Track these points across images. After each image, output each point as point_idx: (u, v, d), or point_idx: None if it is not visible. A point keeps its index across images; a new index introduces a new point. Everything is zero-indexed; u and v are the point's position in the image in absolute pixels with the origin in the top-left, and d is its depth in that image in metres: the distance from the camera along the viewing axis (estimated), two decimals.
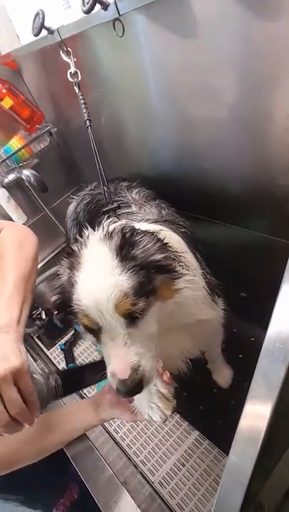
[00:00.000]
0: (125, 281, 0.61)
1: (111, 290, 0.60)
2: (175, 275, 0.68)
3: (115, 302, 0.60)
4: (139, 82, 1.03)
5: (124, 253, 0.64)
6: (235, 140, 0.94)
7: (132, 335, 0.62)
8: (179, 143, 1.12)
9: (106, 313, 0.61)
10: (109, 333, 0.62)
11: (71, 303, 0.65)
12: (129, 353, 0.61)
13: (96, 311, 0.61)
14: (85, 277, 0.64)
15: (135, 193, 1.12)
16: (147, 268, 0.64)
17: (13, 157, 1.50)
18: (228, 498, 0.46)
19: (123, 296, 0.60)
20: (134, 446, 1.16)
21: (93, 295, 0.61)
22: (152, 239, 0.67)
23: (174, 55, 0.90)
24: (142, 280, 0.62)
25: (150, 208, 1.01)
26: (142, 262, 0.64)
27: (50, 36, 0.98)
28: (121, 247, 0.64)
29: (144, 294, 0.62)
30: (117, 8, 0.80)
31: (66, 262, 0.70)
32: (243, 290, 1.38)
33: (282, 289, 0.46)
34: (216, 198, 1.14)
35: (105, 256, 0.64)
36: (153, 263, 0.65)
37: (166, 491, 1.04)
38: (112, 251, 0.64)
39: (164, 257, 0.66)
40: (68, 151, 1.76)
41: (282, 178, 0.91)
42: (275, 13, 0.66)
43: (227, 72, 0.82)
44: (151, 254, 0.65)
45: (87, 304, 0.62)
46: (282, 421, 0.47)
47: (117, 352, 0.62)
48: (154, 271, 0.65)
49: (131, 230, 0.68)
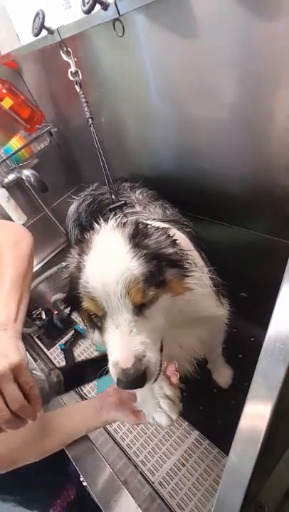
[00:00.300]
0: (136, 266, 0.59)
1: (122, 272, 0.58)
2: (185, 271, 0.67)
3: (125, 285, 0.58)
4: (139, 82, 1.03)
5: (137, 241, 0.63)
6: (236, 140, 0.94)
7: (138, 323, 0.60)
8: (179, 143, 1.12)
9: (114, 296, 0.58)
10: (115, 319, 0.60)
11: (78, 288, 0.63)
12: (134, 341, 0.58)
13: (103, 294, 0.59)
14: (95, 260, 0.63)
15: (138, 193, 1.12)
16: (158, 259, 0.63)
17: (13, 157, 1.50)
18: (228, 498, 0.46)
19: (134, 280, 0.58)
20: (134, 446, 1.16)
21: (102, 277, 0.59)
22: (164, 233, 0.67)
23: (174, 55, 0.90)
24: (152, 269, 0.61)
25: (154, 208, 1.01)
26: (154, 252, 0.63)
27: (50, 36, 0.98)
28: (134, 235, 0.64)
29: (154, 284, 0.61)
30: (117, 8, 0.80)
31: (76, 249, 0.69)
32: (243, 290, 1.38)
33: (282, 289, 0.46)
34: (216, 198, 1.14)
35: (118, 241, 0.63)
36: (164, 255, 0.64)
37: (166, 491, 1.04)
38: (124, 238, 0.63)
39: (175, 252, 0.66)
40: (68, 151, 1.76)
41: (282, 178, 0.91)
42: (275, 13, 0.66)
43: (227, 72, 0.82)
44: (163, 247, 0.65)
45: (95, 286, 0.60)
46: (282, 421, 0.47)
47: (121, 339, 0.58)
48: (165, 263, 0.64)
49: (143, 223, 0.68)
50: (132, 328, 0.59)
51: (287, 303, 0.45)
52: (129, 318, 0.59)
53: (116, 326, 0.60)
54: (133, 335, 0.59)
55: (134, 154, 1.34)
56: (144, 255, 0.61)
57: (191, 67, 0.88)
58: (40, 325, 1.59)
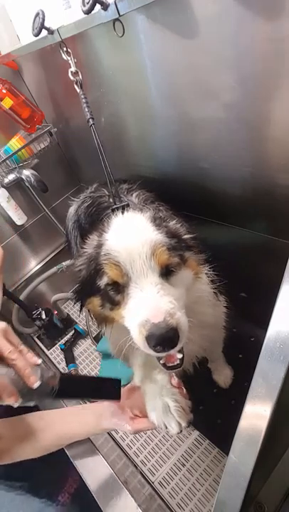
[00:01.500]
0: (162, 237, 0.63)
1: (148, 237, 0.61)
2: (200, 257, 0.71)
3: (151, 247, 0.60)
4: (139, 82, 1.03)
5: (158, 222, 0.67)
6: (236, 140, 0.94)
7: (164, 286, 0.60)
8: (179, 143, 1.12)
9: (139, 259, 0.59)
10: (139, 283, 0.59)
11: (98, 263, 0.64)
12: (163, 299, 0.57)
13: (128, 257, 0.59)
14: (117, 231, 0.65)
15: (135, 196, 1.12)
16: (178, 237, 0.67)
17: (13, 157, 1.50)
18: (228, 498, 0.46)
19: (162, 246, 0.61)
20: (134, 447, 1.16)
21: (127, 241, 0.61)
22: (179, 222, 0.72)
23: (174, 55, 0.90)
24: (174, 244, 0.64)
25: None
26: (174, 232, 0.67)
27: (50, 36, 0.98)
28: (155, 218, 0.68)
29: (177, 255, 0.63)
30: (117, 8, 0.80)
31: (94, 235, 0.72)
32: (243, 290, 1.38)
33: (282, 289, 0.46)
34: (216, 197, 1.14)
35: (140, 219, 0.67)
36: (182, 237, 0.69)
37: (166, 491, 1.04)
38: (146, 217, 0.67)
39: (191, 238, 0.70)
40: (68, 151, 1.76)
41: (282, 178, 0.91)
42: (275, 13, 0.66)
43: (227, 72, 0.82)
44: (182, 232, 0.70)
45: (119, 250, 0.60)
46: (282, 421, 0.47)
47: (149, 298, 0.57)
48: (183, 245, 0.68)
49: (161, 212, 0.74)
50: (158, 290, 0.58)
51: (287, 303, 0.45)
52: (155, 280, 0.59)
53: (141, 289, 0.59)
54: (161, 295, 0.58)
55: (134, 154, 1.35)
56: (165, 232, 0.65)
57: (191, 67, 0.88)
58: (40, 325, 1.59)
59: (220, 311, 0.93)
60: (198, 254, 0.72)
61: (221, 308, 0.94)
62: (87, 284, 0.70)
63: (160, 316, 0.54)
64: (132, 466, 1.07)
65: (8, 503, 1.27)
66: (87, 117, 0.93)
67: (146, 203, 1.08)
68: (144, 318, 0.55)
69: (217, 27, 0.76)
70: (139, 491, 0.98)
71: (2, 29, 1.19)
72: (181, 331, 0.55)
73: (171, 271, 0.62)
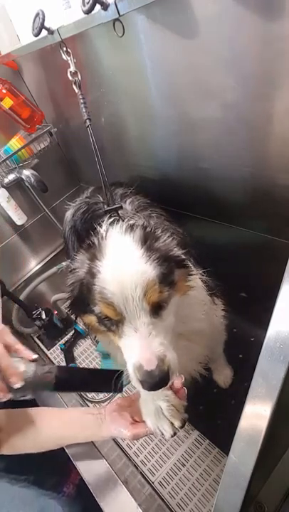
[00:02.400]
0: (152, 269, 0.61)
1: (140, 276, 0.60)
2: (190, 270, 0.70)
3: (144, 289, 0.59)
4: (139, 82, 1.03)
5: (149, 244, 0.65)
6: (236, 140, 0.94)
7: (155, 325, 0.61)
8: (179, 142, 1.12)
9: (132, 300, 0.59)
10: (133, 323, 0.61)
11: (91, 294, 0.64)
12: (154, 343, 0.59)
13: (122, 299, 0.60)
14: (111, 265, 0.63)
15: (129, 202, 1.10)
16: (169, 261, 0.65)
17: (13, 157, 1.50)
18: (228, 498, 0.46)
19: (152, 282, 0.60)
20: (134, 447, 1.16)
21: (120, 282, 0.60)
22: (170, 235, 0.70)
23: (174, 55, 0.90)
24: (165, 271, 0.63)
25: (139, 220, 1.00)
26: (164, 254, 0.65)
27: (50, 36, 0.98)
28: (145, 239, 0.66)
29: (167, 285, 0.63)
30: (117, 8, 0.80)
31: (84, 255, 0.70)
32: (243, 290, 1.38)
33: (282, 289, 0.46)
34: (216, 197, 1.14)
35: (130, 245, 0.65)
36: (173, 257, 0.67)
37: (166, 491, 1.04)
38: (136, 241, 0.65)
39: (181, 253, 0.69)
40: (68, 151, 1.76)
41: (282, 178, 0.91)
42: (275, 13, 0.66)
43: (227, 72, 0.82)
44: (172, 249, 0.68)
45: (113, 291, 0.60)
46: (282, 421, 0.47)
47: (142, 342, 0.59)
48: (173, 264, 0.67)
49: (150, 226, 0.70)
50: (150, 331, 0.60)
51: (287, 303, 0.45)
52: (147, 320, 0.61)
53: (134, 329, 0.61)
54: (152, 337, 0.60)
55: (134, 154, 1.35)
56: (157, 258, 0.63)
57: (191, 67, 0.88)
58: (40, 325, 1.59)
59: (218, 314, 0.92)
60: (188, 268, 0.70)
61: (218, 312, 0.93)
62: (80, 303, 0.70)
63: (153, 363, 0.57)
64: (132, 466, 1.07)
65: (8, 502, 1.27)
66: (84, 118, 0.93)
67: (138, 211, 1.07)
68: (138, 363, 0.58)
69: (217, 27, 0.76)
70: (139, 491, 0.98)
71: (2, 29, 1.19)
72: (172, 370, 0.59)
73: (162, 306, 0.63)
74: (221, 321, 0.94)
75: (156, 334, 0.60)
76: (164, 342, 0.60)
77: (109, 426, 0.79)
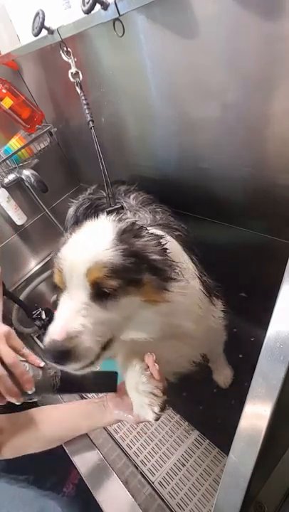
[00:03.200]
0: (110, 254, 0.60)
1: (92, 254, 0.60)
2: (165, 284, 0.66)
3: (89, 266, 0.59)
4: (139, 82, 1.03)
5: (124, 237, 0.64)
6: (235, 140, 0.94)
7: (90, 308, 0.60)
8: (179, 142, 1.12)
9: (77, 273, 0.60)
10: (70, 293, 0.61)
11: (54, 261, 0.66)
12: (75, 319, 0.59)
13: (69, 269, 0.61)
14: (77, 238, 0.66)
15: (132, 198, 1.12)
16: (140, 259, 0.63)
17: (13, 157, 1.50)
18: (228, 498, 0.46)
19: (101, 264, 0.59)
20: (134, 447, 1.16)
21: (73, 253, 0.62)
22: (156, 240, 0.68)
23: (174, 55, 0.90)
24: (128, 265, 0.61)
25: (144, 214, 1.00)
26: (137, 251, 0.64)
27: (50, 36, 0.98)
28: (124, 231, 0.65)
29: (124, 279, 0.61)
30: (117, 8, 0.80)
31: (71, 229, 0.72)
32: (243, 290, 1.38)
33: (282, 289, 0.46)
34: (216, 197, 1.14)
35: (105, 230, 0.65)
36: (147, 259, 0.65)
37: (166, 491, 1.04)
38: (114, 229, 0.65)
39: (160, 261, 0.65)
40: (68, 151, 1.76)
41: (282, 178, 0.91)
42: (275, 13, 0.66)
43: (227, 72, 0.82)
44: (150, 252, 0.65)
45: (65, 258, 0.62)
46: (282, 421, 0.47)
47: (65, 313, 0.60)
48: (145, 266, 0.64)
49: (140, 226, 0.69)
50: (81, 309, 0.60)
51: (287, 303, 0.45)
52: (83, 298, 0.60)
53: (69, 299, 0.61)
54: (78, 315, 0.59)
55: (134, 154, 1.35)
56: (123, 249, 0.62)
57: (191, 67, 0.88)
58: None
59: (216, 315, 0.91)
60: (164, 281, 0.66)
61: (216, 313, 0.92)
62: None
63: (60, 335, 0.57)
64: (132, 466, 1.07)
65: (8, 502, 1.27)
66: (87, 119, 0.93)
67: (143, 205, 1.08)
68: (49, 329, 0.58)
69: (217, 27, 0.76)
70: (139, 491, 0.98)
71: (2, 29, 1.19)
72: (77, 354, 0.58)
73: (108, 294, 0.61)
74: (219, 322, 0.93)
75: (85, 315, 0.59)
76: (88, 326, 0.59)
77: (112, 411, 0.81)
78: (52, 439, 0.87)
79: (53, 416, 0.88)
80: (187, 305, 0.73)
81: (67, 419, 0.89)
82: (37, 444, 0.85)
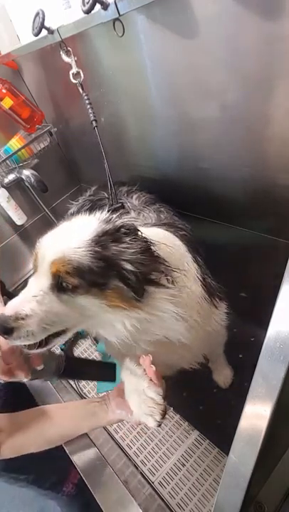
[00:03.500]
0: (79, 253, 0.62)
1: (61, 248, 0.63)
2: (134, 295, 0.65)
3: (54, 258, 0.62)
4: (139, 82, 1.03)
5: (102, 239, 0.64)
6: (235, 140, 0.94)
7: (46, 297, 0.63)
8: (179, 143, 1.12)
9: (45, 262, 0.63)
10: (36, 279, 0.65)
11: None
12: (29, 303, 0.62)
13: (41, 256, 0.65)
14: (59, 228, 0.70)
15: (135, 198, 1.12)
16: (110, 265, 0.63)
17: (13, 157, 1.50)
18: (228, 498, 0.46)
19: (66, 260, 0.62)
20: (134, 447, 1.16)
21: (49, 242, 0.66)
22: (138, 248, 0.65)
23: (174, 55, 0.90)
24: (94, 268, 0.62)
25: (148, 213, 1.00)
26: (109, 257, 0.63)
27: (50, 36, 0.98)
28: (105, 233, 0.65)
29: (87, 280, 0.62)
30: (117, 8, 0.80)
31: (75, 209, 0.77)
32: (243, 290, 1.38)
33: (282, 289, 0.46)
34: (216, 197, 1.14)
35: (86, 228, 0.67)
36: (118, 266, 0.63)
37: (166, 491, 1.04)
38: (95, 230, 0.66)
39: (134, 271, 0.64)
40: (68, 151, 1.76)
41: (282, 178, 0.91)
42: (275, 13, 0.66)
43: (227, 72, 0.82)
44: (124, 260, 0.64)
45: (42, 245, 0.66)
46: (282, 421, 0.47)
47: (24, 293, 0.64)
48: (114, 273, 0.64)
49: (129, 229, 0.67)
50: (38, 294, 0.63)
51: (287, 303, 0.45)
52: (42, 285, 0.64)
53: (33, 282, 0.65)
54: (33, 300, 0.63)
55: (134, 154, 1.35)
56: (95, 252, 0.63)
57: (191, 67, 0.88)
58: None
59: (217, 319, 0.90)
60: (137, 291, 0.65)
61: (219, 317, 0.90)
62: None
63: (7, 311, 0.62)
64: (132, 466, 1.07)
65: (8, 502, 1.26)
66: (91, 119, 0.93)
67: (147, 205, 1.08)
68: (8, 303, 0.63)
69: (217, 27, 0.76)
70: (139, 491, 0.98)
71: (2, 29, 1.19)
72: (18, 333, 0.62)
73: (66, 288, 0.63)
74: (221, 324, 0.92)
75: (39, 302, 0.62)
76: (38, 313, 0.62)
77: (114, 410, 0.81)
78: (52, 438, 0.87)
79: (54, 415, 0.88)
80: (174, 313, 0.71)
81: (68, 418, 0.89)
82: (37, 444, 0.85)
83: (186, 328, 0.76)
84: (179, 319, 0.72)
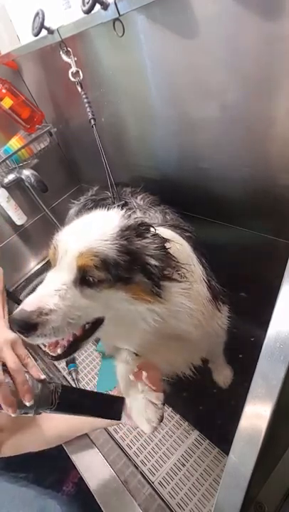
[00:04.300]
0: (106, 247, 0.61)
1: (88, 241, 0.61)
2: (156, 289, 0.66)
3: (82, 250, 0.60)
4: (139, 82, 1.03)
5: (126, 234, 0.64)
6: (235, 140, 0.94)
7: (70, 291, 0.60)
8: (179, 143, 1.12)
9: (68, 255, 0.61)
10: (57, 273, 0.62)
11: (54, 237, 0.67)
12: (52, 298, 0.59)
13: (63, 249, 0.62)
14: (80, 221, 0.67)
15: (140, 198, 1.12)
16: (134, 259, 0.63)
17: (13, 157, 1.50)
18: (228, 498, 0.46)
19: (92, 252, 0.60)
20: (134, 447, 1.16)
21: (72, 235, 0.63)
22: (159, 244, 0.66)
23: (174, 55, 0.90)
24: (120, 262, 0.61)
25: (154, 213, 1.01)
26: (134, 251, 0.63)
27: (50, 36, 0.98)
28: (128, 228, 0.65)
29: (113, 274, 0.61)
30: (117, 8, 0.80)
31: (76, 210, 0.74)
32: (243, 290, 1.38)
33: (282, 289, 0.46)
34: (216, 198, 1.14)
35: (109, 222, 0.65)
36: (142, 260, 0.64)
37: (166, 491, 1.04)
38: (119, 223, 0.65)
39: (157, 266, 0.65)
40: (68, 151, 1.76)
41: (282, 178, 0.91)
42: (275, 13, 0.66)
43: (227, 72, 0.82)
44: (148, 254, 0.65)
45: (63, 239, 0.64)
46: (282, 421, 0.47)
47: (45, 289, 0.60)
48: (139, 267, 0.64)
49: (147, 226, 0.68)
50: (61, 288, 0.60)
51: (287, 303, 0.45)
52: (66, 280, 0.61)
53: (53, 273, 0.62)
54: (56, 293, 0.59)
55: (134, 154, 1.34)
56: (121, 245, 0.62)
57: (190, 67, 0.88)
58: None
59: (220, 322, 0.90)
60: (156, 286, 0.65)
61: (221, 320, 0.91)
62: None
63: (30, 306, 0.57)
64: (132, 466, 1.07)
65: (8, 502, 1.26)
66: (89, 117, 0.93)
67: (152, 205, 1.08)
68: (25, 299, 0.59)
69: (217, 27, 0.76)
70: (139, 491, 0.98)
71: (2, 29, 1.19)
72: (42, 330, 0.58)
73: (91, 282, 0.61)
74: (223, 327, 0.92)
75: (63, 296, 0.59)
76: (61, 307, 0.59)
77: None
78: (53, 438, 0.87)
79: (54, 416, 0.88)
80: (189, 308, 0.72)
81: (68, 419, 0.89)
82: (37, 443, 0.85)
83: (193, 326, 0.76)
84: (191, 314, 0.73)
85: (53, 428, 0.87)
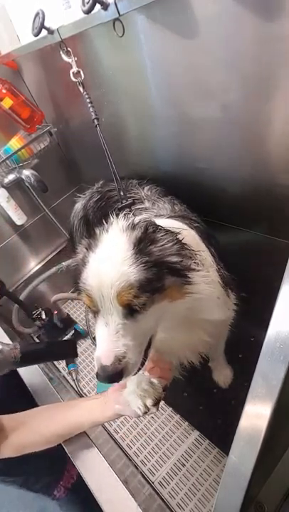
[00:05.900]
0: (134, 273, 0.61)
1: (117, 277, 0.61)
2: (186, 280, 0.68)
3: (118, 290, 0.61)
4: (139, 82, 1.03)
5: (142, 247, 0.64)
6: (236, 140, 0.94)
7: (126, 326, 0.63)
8: (179, 143, 1.12)
9: (106, 298, 0.62)
10: (106, 318, 0.64)
11: (79, 280, 0.68)
12: (118, 342, 0.62)
13: (98, 294, 0.63)
14: (97, 259, 0.66)
15: (147, 189, 1.13)
16: (160, 266, 0.64)
17: (13, 157, 1.50)
18: (228, 498, 0.46)
19: (128, 286, 0.61)
20: (134, 447, 1.16)
21: (99, 278, 0.63)
22: (172, 239, 0.68)
23: (174, 55, 0.90)
24: (151, 277, 0.63)
25: (163, 204, 1.01)
26: (157, 259, 0.64)
27: (50, 36, 0.98)
28: (140, 240, 0.65)
29: (150, 291, 0.63)
30: (117, 8, 0.80)
31: (85, 242, 0.72)
32: (243, 290, 1.38)
33: (282, 289, 0.46)
34: (215, 198, 1.14)
35: (122, 245, 0.65)
36: (167, 263, 0.66)
37: (166, 491, 1.04)
38: (130, 242, 0.65)
39: (180, 261, 0.67)
40: (68, 151, 1.76)
41: (281, 178, 0.91)
42: (275, 13, 0.66)
43: (227, 73, 0.82)
44: (168, 255, 0.66)
45: (92, 285, 0.64)
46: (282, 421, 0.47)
47: (107, 338, 0.63)
48: (166, 271, 0.65)
49: (154, 226, 0.69)
50: (118, 330, 0.63)
51: (287, 303, 0.45)
52: (117, 320, 0.63)
53: (105, 324, 0.64)
54: (118, 336, 0.62)
55: (134, 154, 1.34)
56: (144, 262, 0.63)
57: (190, 67, 0.88)
58: (40, 325, 1.59)
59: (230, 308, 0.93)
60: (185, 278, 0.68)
61: (231, 306, 0.94)
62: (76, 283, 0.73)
63: (109, 360, 0.61)
64: (132, 466, 1.07)
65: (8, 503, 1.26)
66: (92, 117, 0.93)
67: (160, 196, 1.08)
68: (98, 355, 0.62)
69: (217, 27, 0.76)
70: (139, 491, 0.98)
71: (2, 29, 1.19)
72: (127, 371, 0.63)
73: (136, 310, 0.63)
74: (232, 313, 0.95)
75: (123, 334, 0.63)
76: (128, 344, 0.62)
77: (113, 405, 0.81)
78: (53, 436, 0.87)
79: (53, 414, 0.88)
80: (210, 292, 0.75)
81: (68, 415, 0.89)
82: (38, 442, 0.85)
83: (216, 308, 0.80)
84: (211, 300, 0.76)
85: (53, 426, 0.87)
